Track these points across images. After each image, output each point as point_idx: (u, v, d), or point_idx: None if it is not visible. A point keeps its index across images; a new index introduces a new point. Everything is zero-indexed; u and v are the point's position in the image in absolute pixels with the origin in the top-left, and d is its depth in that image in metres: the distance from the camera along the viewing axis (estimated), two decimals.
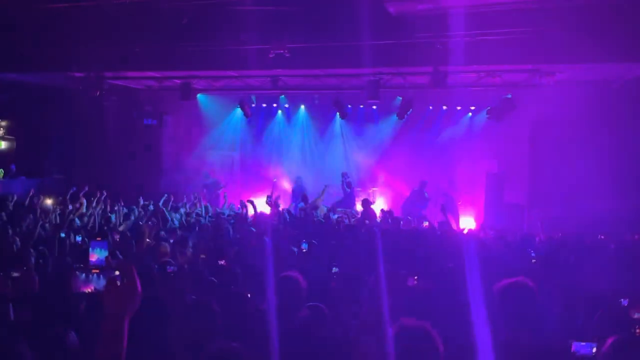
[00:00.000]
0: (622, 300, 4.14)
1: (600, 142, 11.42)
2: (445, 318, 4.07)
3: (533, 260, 6.23)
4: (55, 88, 13.90)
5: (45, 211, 8.67)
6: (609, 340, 2.78)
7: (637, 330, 3.53)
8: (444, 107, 14.46)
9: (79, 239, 6.41)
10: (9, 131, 14.68)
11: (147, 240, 6.58)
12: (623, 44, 8.91)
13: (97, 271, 1.84)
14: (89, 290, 1.88)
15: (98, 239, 2.10)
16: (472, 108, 14.37)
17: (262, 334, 2.86)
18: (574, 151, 11.58)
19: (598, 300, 3.87)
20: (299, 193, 14.41)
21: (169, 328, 3.03)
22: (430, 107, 13.78)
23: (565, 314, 3.84)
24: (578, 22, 8.85)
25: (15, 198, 9.90)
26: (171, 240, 7.24)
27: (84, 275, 1.82)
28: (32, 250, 5.72)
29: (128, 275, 1.69)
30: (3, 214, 8.35)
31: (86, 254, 3.15)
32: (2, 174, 13.45)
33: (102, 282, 1.83)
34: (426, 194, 14.32)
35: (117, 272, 1.71)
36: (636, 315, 3.66)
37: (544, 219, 9.21)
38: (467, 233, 8.78)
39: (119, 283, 1.68)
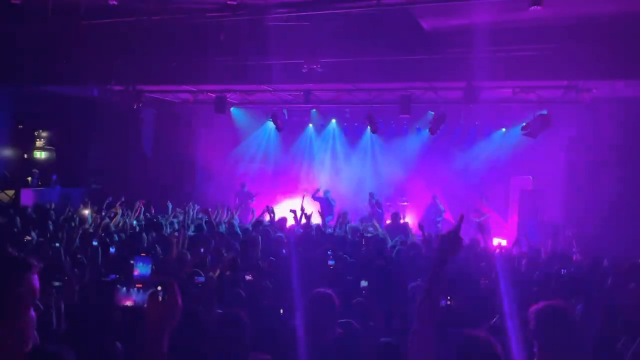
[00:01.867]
0: None
1: (637, 161, 11.13)
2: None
3: (566, 280, 6.07)
4: (94, 100, 14.33)
5: (83, 220, 8.89)
6: None
7: None
8: (477, 123, 14.33)
9: (112, 250, 6.53)
10: (49, 141, 15.16)
11: (176, 250, 6.65)
12: None
13: (140, 286, 1.90)
14: (130, 303, 1.93)
15: (143, 254, 2.15)
16: (507, 124, 14.19)
17: (293, 351, 2.88)
18: (611, 170, 11.31)
19: (637, 325, 3.76)
20: (327, 206, 14.44)
21: (202, 341, 3.07)
22: (462, 122, 13.66)
23: (603, 340, 3.74)
24: (615, 38, 8.69)
25: (53, 206, 10.20)
26: (202, 249, 7.33)
27: (125, 288, 1.88)
28: (69, 260, 5.87)
29: (169, 290, 1.74)
30: (49, 222, 8.59)
31: (123, 266, 3.22)
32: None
33: (143, 296, 1.88)
34: (440, 206, 14.29)
35: (159, 288, 1.76)
36: None
37: (578, 238, 8.98)
38: (500, 251, 8.65)
39: (160, 298, 1.73)
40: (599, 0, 8.06)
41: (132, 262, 2.18)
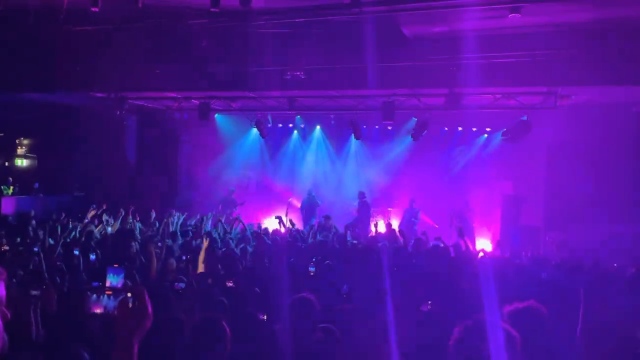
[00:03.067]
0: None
1: (617, 165, 11.31)
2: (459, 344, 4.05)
3: (545, 284, 6.15)
4: (76, 107, 14.22)
5: (64, 229, 8.80)
6: None
7: None
8: (460, 129, 14.48)
9: (92, 257, 6.49)
10: (30, 149, 15.00)
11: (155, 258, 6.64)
12: (634, 67, 8.90)
13: (110, 293, 1.90)
14: (101, 311, 1.93)
15: (115, 265, 2.13)
16: (488, 130, 14.36)
17: (275, 355, 2.88)
18: (591, 174, 11.48)
19: (612, 327, 3.81)
20: (309, 206, 14.47)
21: (178, 347, 3.07)
22: (446, 129, 13.79)
23: (579, 342, 3.79)
24: (593, 45, 8.86)
25: (33, 214, 10.10)
26: (184, 257, 7.32)
27: (95, 296, 1.87)
28: (50, 268, 5.82)
29: (139, 297, 1.74)
30: (30, 229, 8.51)
31: (101, 274, 3.19)
32: (10, 190, 13.64)
33: (114, 303, 1.88)
34: (417, 209, 14.49)
35: (129, 294, 1.76)
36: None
37: (559, 241, 9.10)
38: (483, 255, 8.72)
39: (130, 305, 1.73)
40: (575, 8, 8.22)
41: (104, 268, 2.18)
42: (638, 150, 11.25)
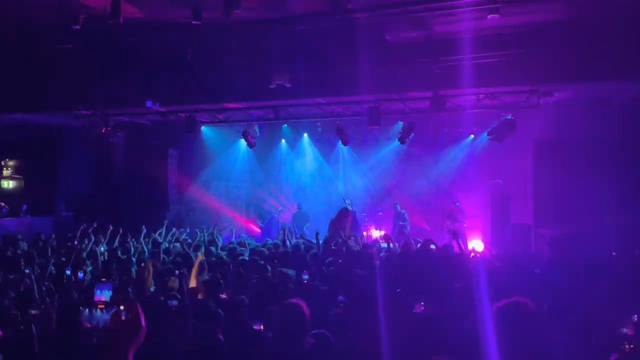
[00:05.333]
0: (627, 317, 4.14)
1: (603, 158, 11.45)
2: (454, 344, 4.08)
3: (537, 281, 6.20)
4: (62, 126, 14.15)
5: (55, 249, 8.74)
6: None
7: (626, 346, 3.52)
8: (446, 130, 14.59)
9: (80, 275, 6.46)
10: (16, 171, 14.87)
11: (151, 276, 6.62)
12: (617, 62, 9.04)
13: (102, 306, 1.89)
14: (94, 325, 1.92)
15: (103, 280, 2.13)
16: (474, 130, 14.47)
17: None
18: (578, 169, 11.60)
19: (598, 320, 3.87)
20: (300, 221, 14.46)
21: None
22: (432, 131, 13.87)
23: (569, 336, 3.82)
24: (572, 43, 9.01)
25: (20, 237, 10.01)
26: (177, 272, 7.28)
27: (87, 311, 1.87)
28: (39, 288, 5.79)
29: (132, 310, 1.74)
30: (18, 252, 8.44)
31: (91, 291, 3.21)
32: None
33: (107, 317, 1.88)
34: (403, 211, 14.55)
35: (121, 307, 1.76)
36: (624, 331, 3.65)
37: (549, 238, 9.18)
38: (475, 255, 8.76)
39: (123, 318, 1.73)
40: (551, 8, 8.37)
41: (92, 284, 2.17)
42: (623, 142, 11.40)
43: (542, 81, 10.02)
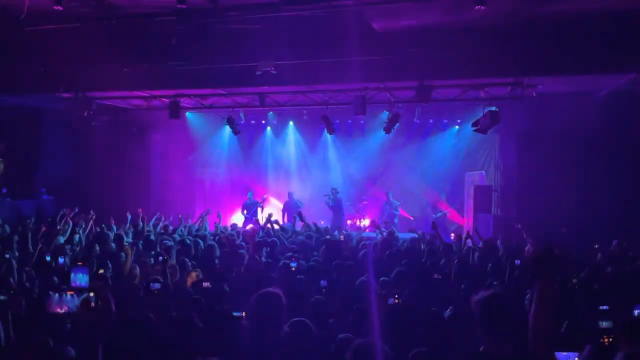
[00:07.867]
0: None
1: (585, 150, 11.60)
2: (427, 334, 4.12)
3: (518, 271, 6.28)
4: (43, 109, 13.91)
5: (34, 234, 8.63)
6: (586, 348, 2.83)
7: (605, 340, 3.59)
8: (431, 121, 14.65)
9: (61, 260, 6.41)
10: None
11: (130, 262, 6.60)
12: (598, 56, 9.14)
13: (72, 293, 1.87)
14: (64, 310, 1.90)
15: (79, 263, 2.10)
16: (459, 121, 14.55)
17: (243, 350, 2.89)
18: (562, 161, 11.73)
19: (573, 310, 3.93)
20: (291, 209, 14.45)
21: (152, 346, 3.05)
22: (417, 121, 13.91)
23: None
24: (555, 35, 9.07)
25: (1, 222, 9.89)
26: (160, 258, 7.24)
27: (57, 296, 1.84)
28: (20, 273, 5.75)
29: (102, 296, 1.72)
30: None
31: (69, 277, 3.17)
32: None
33: (77, 302, 1.86)
34: (395, 201, 14.69)
35: (91, 294, 1.74)
36: (603, 325, 3.72)
37: (530, 230, 9.28)
38: (454, 245, 8.86)
39: (93, 304, 1.71)
40: (536, 1, 8.40)
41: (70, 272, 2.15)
42: (604, 134, 11.55)
43: (524, 73, 10.10)
